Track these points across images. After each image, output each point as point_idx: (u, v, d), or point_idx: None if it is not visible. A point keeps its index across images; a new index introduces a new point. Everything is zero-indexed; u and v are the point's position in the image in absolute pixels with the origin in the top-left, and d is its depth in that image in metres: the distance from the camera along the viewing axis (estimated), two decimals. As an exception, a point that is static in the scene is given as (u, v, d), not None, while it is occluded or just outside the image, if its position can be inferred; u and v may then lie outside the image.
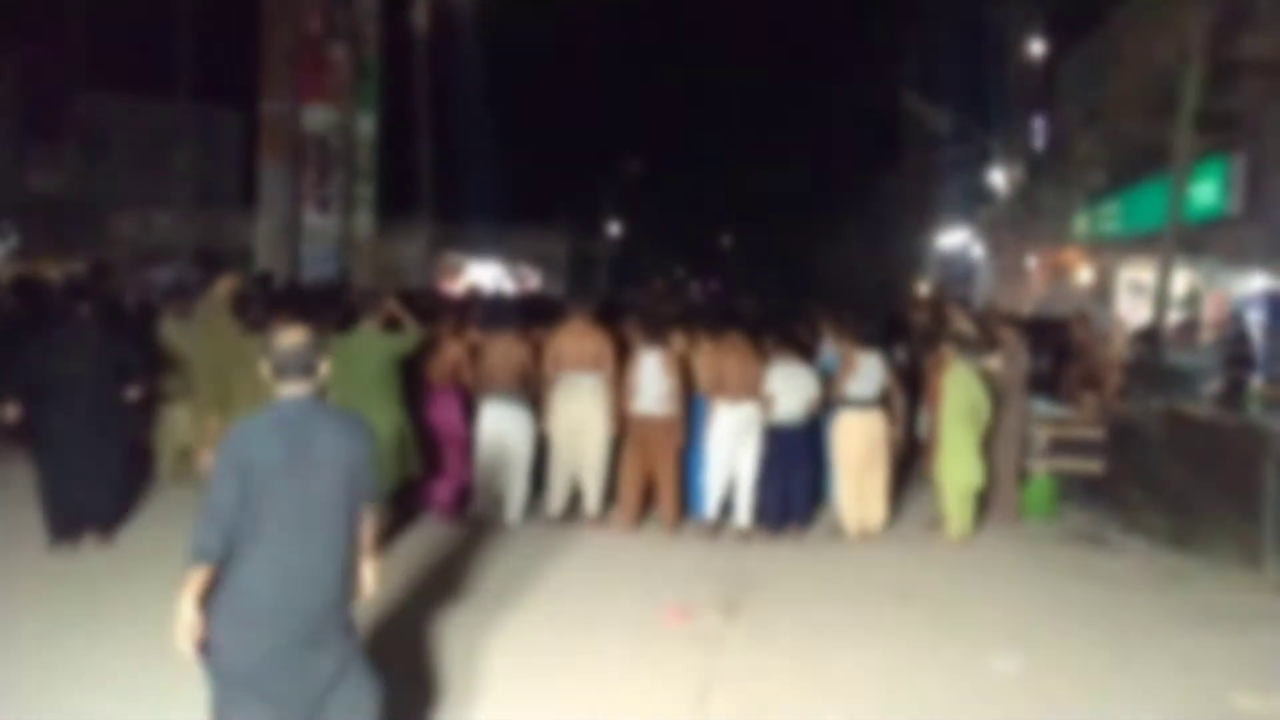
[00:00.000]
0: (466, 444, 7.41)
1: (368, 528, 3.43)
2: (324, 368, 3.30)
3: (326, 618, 3.18)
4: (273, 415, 3.20)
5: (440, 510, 7.38)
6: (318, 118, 21.07)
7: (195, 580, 2.99)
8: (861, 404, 7.34)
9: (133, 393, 6.58)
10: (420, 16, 20.32)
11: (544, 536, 7.19)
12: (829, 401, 7.46)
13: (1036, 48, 18.10)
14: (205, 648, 3.04)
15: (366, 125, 21.80)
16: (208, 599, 3.04)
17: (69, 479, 6.35)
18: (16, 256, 19.68)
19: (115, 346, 6.62)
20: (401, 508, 7.04)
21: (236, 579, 3.05)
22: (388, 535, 6.65)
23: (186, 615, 2.98)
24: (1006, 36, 18.59)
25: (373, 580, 3.54)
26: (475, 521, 7.39)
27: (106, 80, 24.67)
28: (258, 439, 3.12)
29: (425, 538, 6.99)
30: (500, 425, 7.35)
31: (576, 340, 7.38)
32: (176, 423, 7.90)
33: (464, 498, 7.52)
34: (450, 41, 22.61)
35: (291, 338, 3.26)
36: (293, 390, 3.22)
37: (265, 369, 3.24)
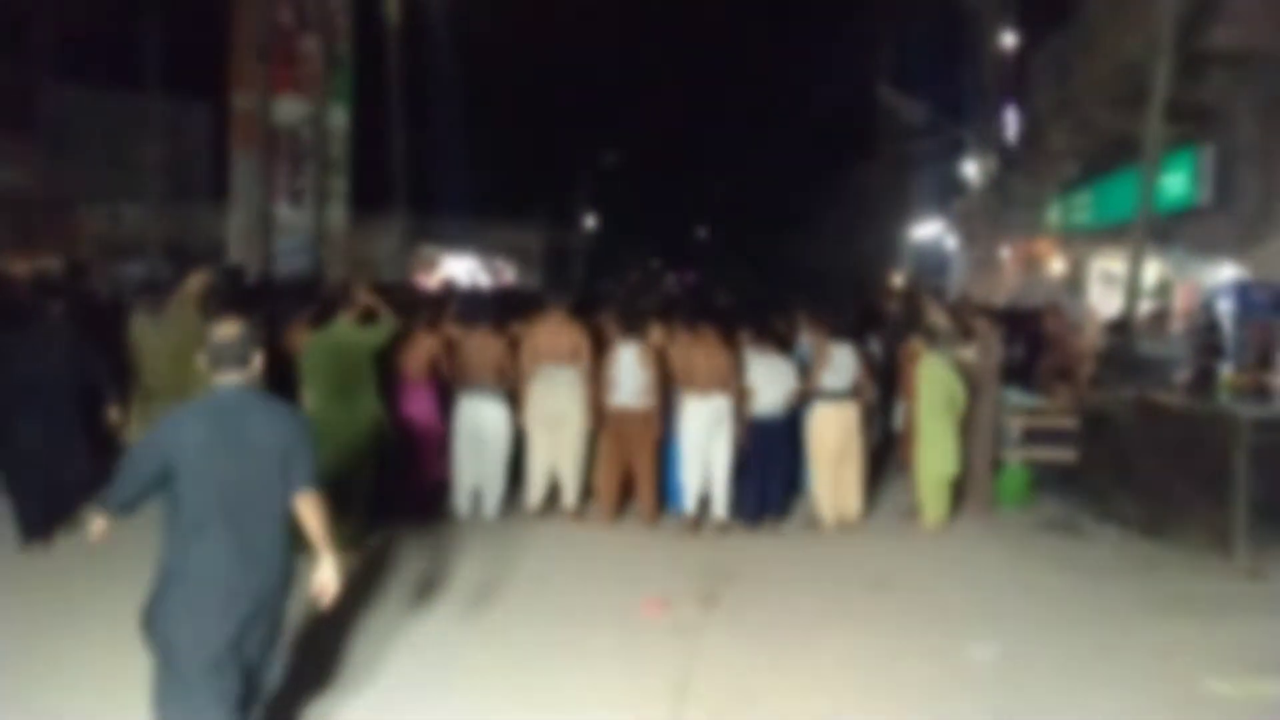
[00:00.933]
0: (442, 438, 7.38)
1: (312, 515, 3.53)
2: (257, 359, 3.52)
3: (268, 592, 3.43)
4: (207, 402, 3.47)
5: (417, 505, 7.34)
6: (289, 110, 20.84)
7: (102, 519, 3.44)
8: (836, 395, 7.37)
9: (113, 414, 6.53)
10: (392, 8, 20.14)
11: (522, 531, 7.18)
12: (804, 394, 7.48)
13: (1009, 39, 18.20)
14: (152, 625, 3.36)
15: (339, 117, 21.60)
16: (159, 581, 3.38)
17: (38, 479, 6.30)
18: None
19: (85, 350, 6.59)
20: (379, 502, 6.99)
21: (184, 561, 3.32)
22: (365, 531, 6.61)
23: (98, 527, 3.45)
24: (979, 28, 18.69)
25: (332, 575, 3.61)
26: (452, 516, 7.37)
27: (73, 73, 24.29)
28: (188, 423, 3.37)
29: (402, 533, 6.95)
30: (477, 419, 7.33)
31: (553, 334, 7.36)
32: (151, 420, 7.80)
33: (441, 492, 7.49)
34: (423, 33, 22.45)
35: (226, 331, 3.52)
36: (227, 379, 3.46)
37: (201, 360, 3.48)
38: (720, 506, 7.28)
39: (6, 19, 22.28)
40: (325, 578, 3.59)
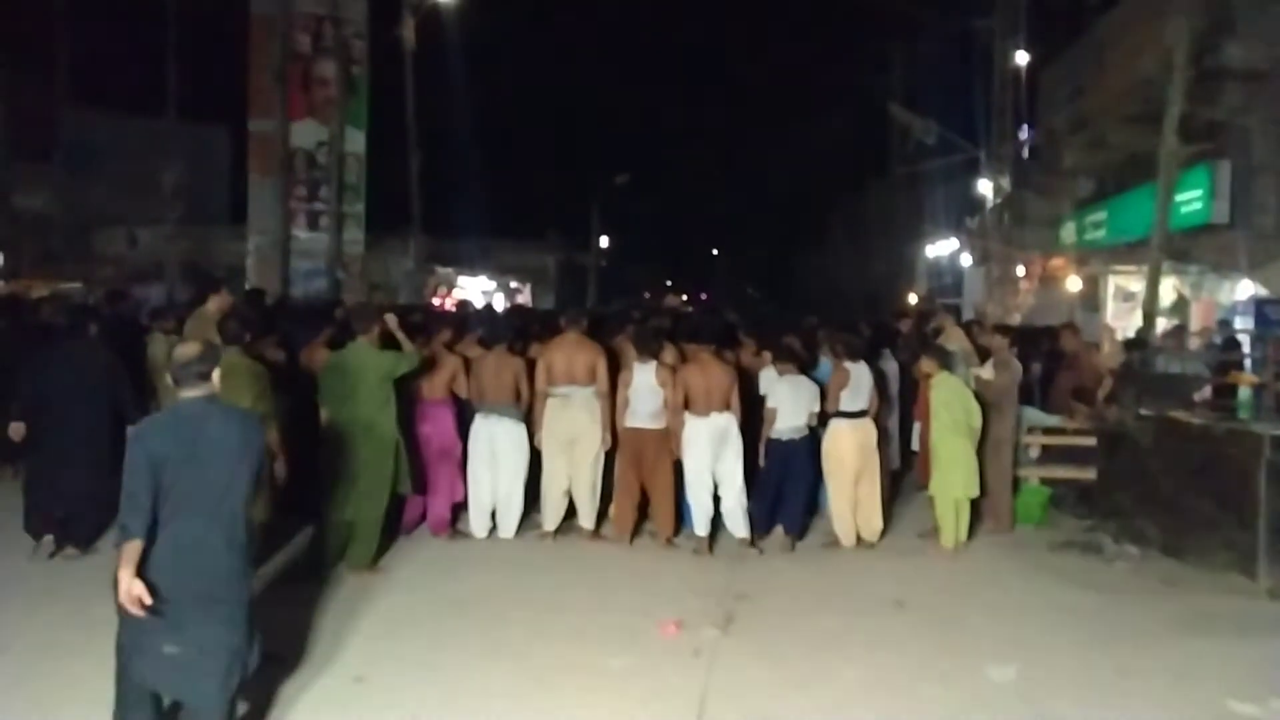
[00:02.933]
0: (460, 458, 7.39)
1: (259, 508, 4.12)
2: (215, 375, 3.87)
3: (221, 579, 3.76)
4: (172, 414, 3.91)
5: (434, 525, 7.36)
6: (307, 134, 21.06)
7: (130, 555, 3.53)
8: (853, 414, 7.35)
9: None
10: (408, 33, 20.33)
11: (538, 551, 7.18)
12: (823, 414, 7.49)
13: (1021, 58, 18.22)
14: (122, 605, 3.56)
15: (356, 141, 21.79)
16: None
17: (55, 484, 6.51)
18: (4, 276, 19.56)
19: (117, 370, 6.82)
20: (395, 524, 7.01)
21: (153, 550, 3.62)
22: (381, 552, 6.62)
23: (126, 583, 3.49)
24: (991, 47, 18.71)
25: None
26: (469, 536, 7.38)
27: (94, 98, 24.61)
28: (157, 435, 3.72)
29: (419, 553, 6.96)
30: (493, 439, 7.33)
31: (569, 354, 7.37)
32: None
33: (457, 512, 7.50)
34: (439, 58, 22.66)
35: (186, 352, 3.91)
36: (190, 393, 3.84)
37: (168, 378, 3.91)
38: (737, 524, 7.27)
39: (29, 46, 22.60)
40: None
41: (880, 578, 6.79)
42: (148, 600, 3.50)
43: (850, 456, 7.32)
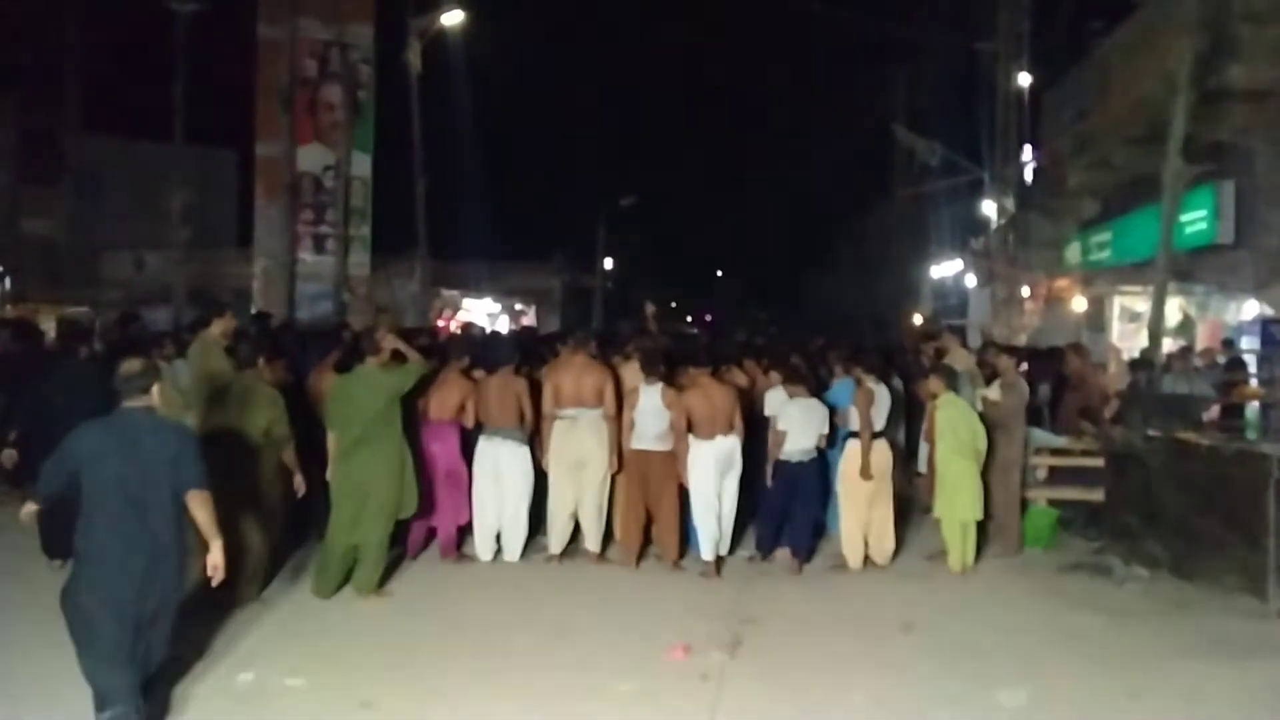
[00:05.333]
0: (465, 480, 7.37)
1: (201, 510, 4.34)
2: (155, 389, 4.40)
3: (156, 560, 4.24)
4: (110, 421, 4.37)
5: (443, 547, 7.33)
6: (314, 158, 21.18)
7: (32, 505, 4.37)
8: (871, 435, 7.33)
9: None
10: (415, 58, 20.45)
11: (544, 574, 7.16)
12: (832, 436, 7.49)
13: (1024, 80, 18.29)
14: (67, 596, 4.22)
15: (362, 165, 21.88)
16: (75, 562, 4.28)
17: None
18: (10, 301, 19.66)
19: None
20: (400, 546, 7.00)
21: (89, 544, 4.19)
22: (386, 575, 6.61)
23: (27, 511, 4.40)
24: (994, 68, 18.78)
25: (220, 559, 4.42)
26: (474, 558, 7.36)
27: (103, 123, 24.79)
28: (90, 438, 4.28)
29: (424, 576, 6.95)
30: (497, 461, 7.32)
31: (577, 375, 7.36)
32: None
33: (463, 535, 7.48)
34: (445, 82, 22.78)
35: (130, 367, 4.44)
36: (130, 404, 4.37)
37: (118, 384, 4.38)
38: (724, 544, 7.26)
39: (39, 71, 22.79)
40: (215, 560, 4.39)
41: (888, 601, 6.76)
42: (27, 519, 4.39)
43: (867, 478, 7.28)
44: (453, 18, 20.06)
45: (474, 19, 20.41)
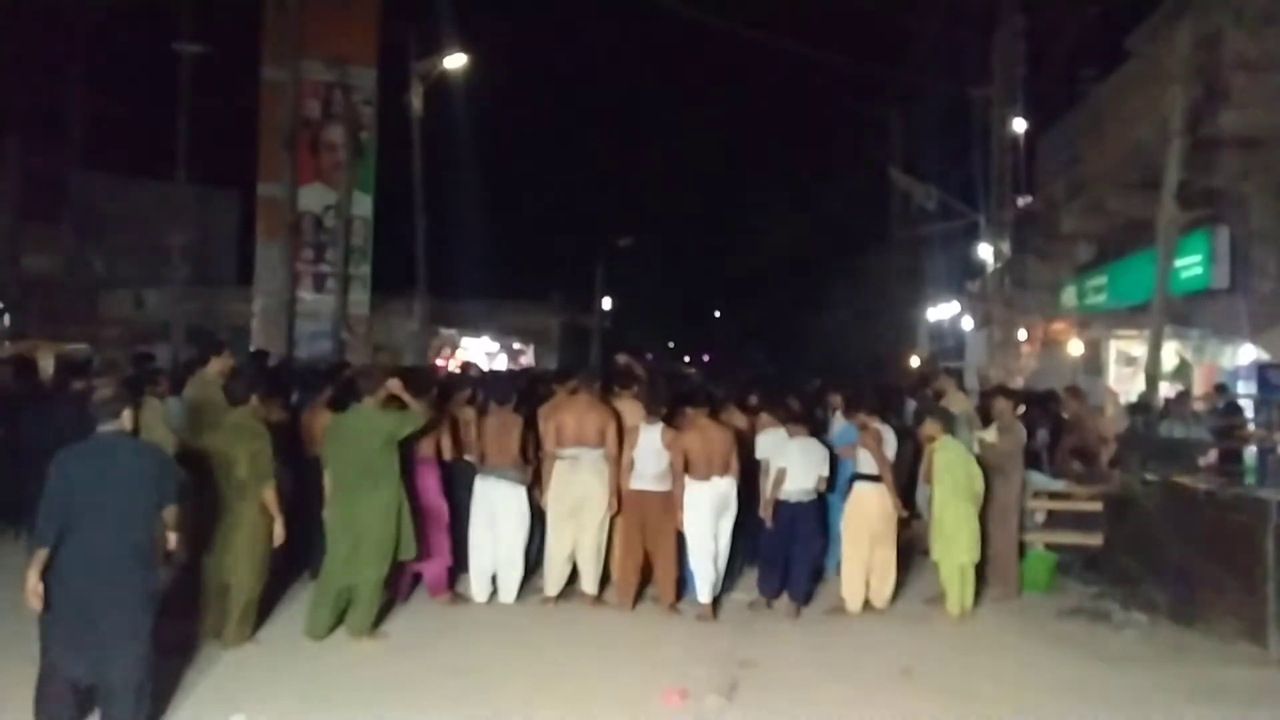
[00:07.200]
0: (446, 518, 7.28)
1: (174, 518, 4.72)
2: (127, 414, 4.69)
3: (128, 581, 4.50)
4: (88, 445, 4.62)
5: (428, 587, 7.27)
6: (315, 198, 21.31)
7: (38, 559, 4.36)
8: (875, 477, 7.32)
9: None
10: (416, 101, 20.68)
11: (540, 616, 7.10)
12: (832, 479, 7.47)
13: (1019, 125, 18.51)
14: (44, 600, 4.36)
15: (363, 205, 22.02)
16: (48, 576, 4.37)
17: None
18: (10, 337, 19.66)
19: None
20: (389, 590, 6.94)
21: (62, 556, 4.38)
22: (380, 617, 6.55)
23: (32, 582, 4.34)
24: (989, 114, 18.99)
25: (174, 540, 4.83)
26: (468, 599, 7.30)
27: (105, 162, 24.95)
28: (74, 462, 4.49)
29: (418, 618, 6.89)
30: (493, 501, 7.28)
31: (580, 415, 7.32)
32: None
33: (452, 574, 7.41)
34: (445, 123, 23.01)
35: (103, 393, 4.83)
36: (104, 428, 4.65)
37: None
38: (718, 585, 7.21)
39: (41, 109, 22.98)
40: (173, 543, 4.81)
41: (886, 645, 6.71)
42: (37, 604, 4.33)
43: (874, 520, 7.27)
44: (454, 61, 20.33)
45: (475, 61, 20.69)
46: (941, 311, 26.28)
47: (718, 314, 58.74)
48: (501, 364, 25.75)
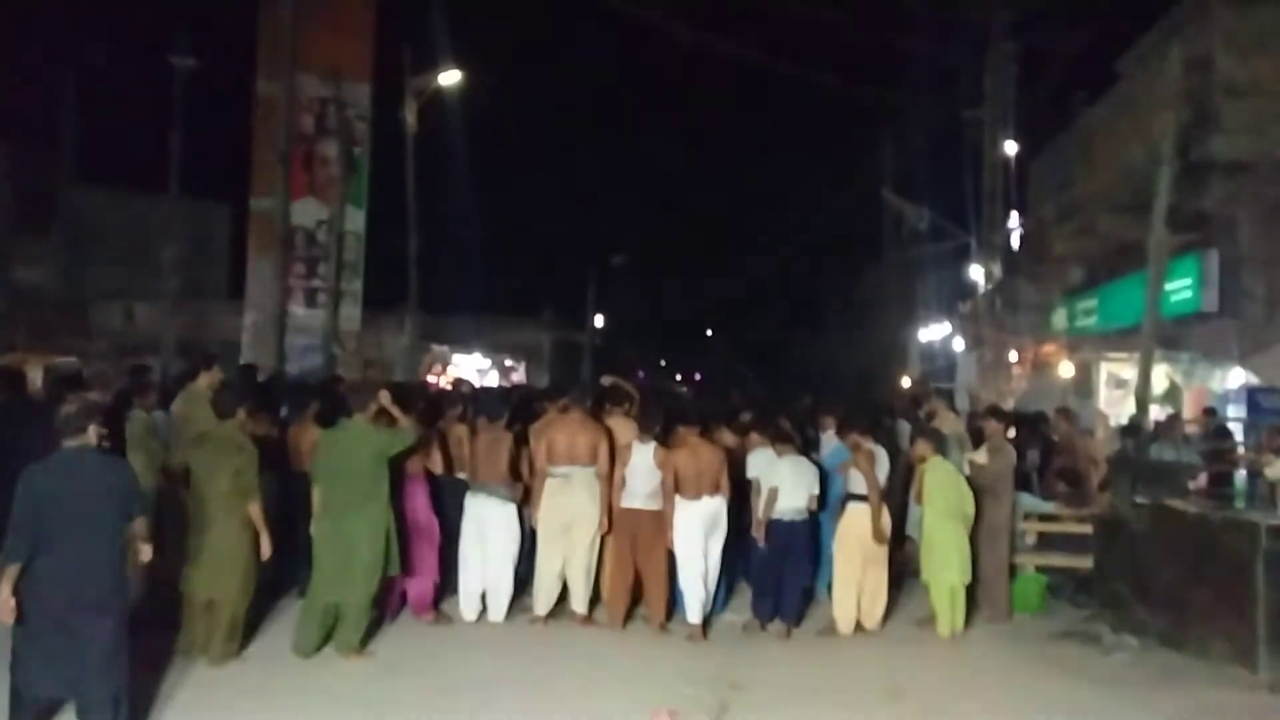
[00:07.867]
0: (437, 535, 7.24)
1: (141, 526, 4.75)
2: (92, 429, 4.71)
3: (100, 588, 4.55)
4: (55, 459, 4.66)
5: (412, 605, 7.22)
6: (307, 212, 21.25)
7: (10, 574, 4.38)
8: (868, 497, 7.30)
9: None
10: (410, 116, 20.69)
11: (529, 635, 7.06)
12: (823, 499, 7.45)
13: (1010, 148, 18.62)
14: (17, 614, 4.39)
15: (356, 220, 21.97)
16: (22, 587, 4.40)
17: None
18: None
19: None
20: (380, 606, 6.89)
21: (35, 571, 4.41)
22: (368, 635, 6.50)
23: (4, 595, 4.35)
24: (980, 136, 19.11)
25: (148, 550, 4.83)
26: (458, 618, 7.25)
27: (96, 174, 24.94)
28: (43, 477, 4.55)
29: (406, 637, 6.84)
30: (482, 519, 7.24)
31: (572, 433, 7.28)
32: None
33: (439, 592, 7.35)
34: (439, 139, 23.05)
35: (69, 409, 4.80)
36: (71, 442, 4.68)
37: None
38: (706, 606, 7.16)
39: (34, 121, 22.97)
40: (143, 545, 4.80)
41: (877, 666, 6.69)
42: (10, 617, 4.36)
43: (866, 541, 7.23)
44: (449, 78, 20.36)
45: (470, 78, 20.75)
46: (933, 332, 26.37)
47: (710, 333, 58.87)
48: (493, 381, 25.69)
